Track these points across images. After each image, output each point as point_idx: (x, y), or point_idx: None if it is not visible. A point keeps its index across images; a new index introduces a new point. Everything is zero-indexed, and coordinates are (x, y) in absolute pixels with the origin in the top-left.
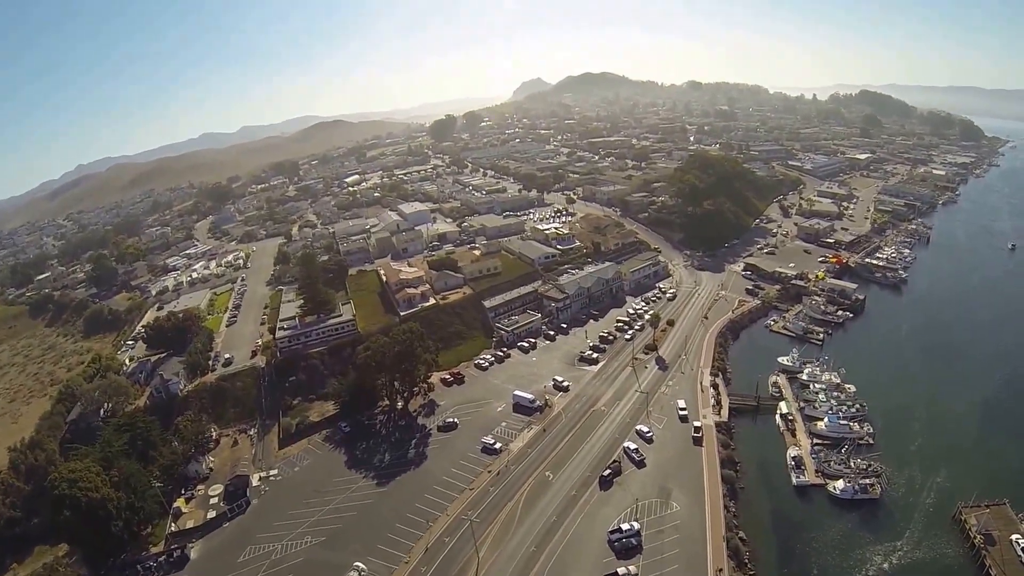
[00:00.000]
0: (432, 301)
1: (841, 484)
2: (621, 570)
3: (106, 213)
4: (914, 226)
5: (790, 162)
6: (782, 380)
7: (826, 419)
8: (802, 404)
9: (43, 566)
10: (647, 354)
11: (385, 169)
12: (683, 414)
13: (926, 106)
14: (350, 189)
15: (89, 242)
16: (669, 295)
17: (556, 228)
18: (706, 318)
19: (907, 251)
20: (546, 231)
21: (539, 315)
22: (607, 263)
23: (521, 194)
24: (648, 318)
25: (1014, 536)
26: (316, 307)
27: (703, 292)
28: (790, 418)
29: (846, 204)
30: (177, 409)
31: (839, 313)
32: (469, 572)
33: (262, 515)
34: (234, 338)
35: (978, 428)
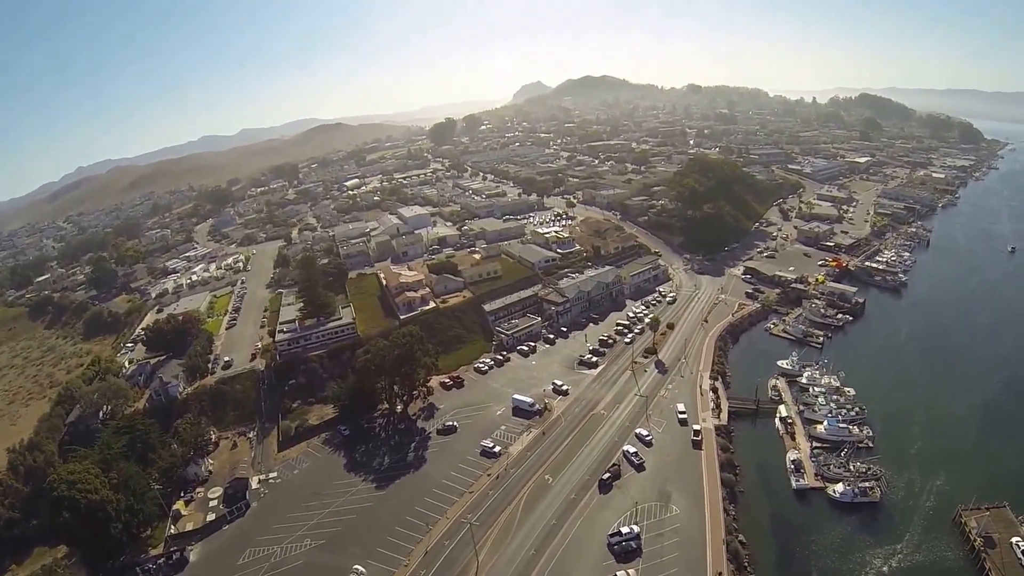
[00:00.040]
0: (432, 305)
1: (841, 487)
2: (620, 573)
3: (106, 215)
4: (914, 229)
5: (790, 166)
6: (782, 383)
7: (826, 422)
8: (802, 407)
9: (42, 568)
10: (647, 358)
11: (385, 173)
12: (682, 417)
13: (925, 109)
14: (350, 192)
15: (89, 244)
16: (669, 299)
17: (556, 232)
18: (706, 322)
19: (907, 254)
20: (546, 235)
21: (539, 319)
22: (607, 267)
23: (521, 198)
24: (648, 322)
25: (1014, 539)
26: (316, 310)
27: (703, 296)
28: (789, 421)
29: (846, 207)
30: (176, 412)
31: (839, 316)
32: (468, 575)
33: (261, 518)
34: (234, 341)
35: (978, 431)
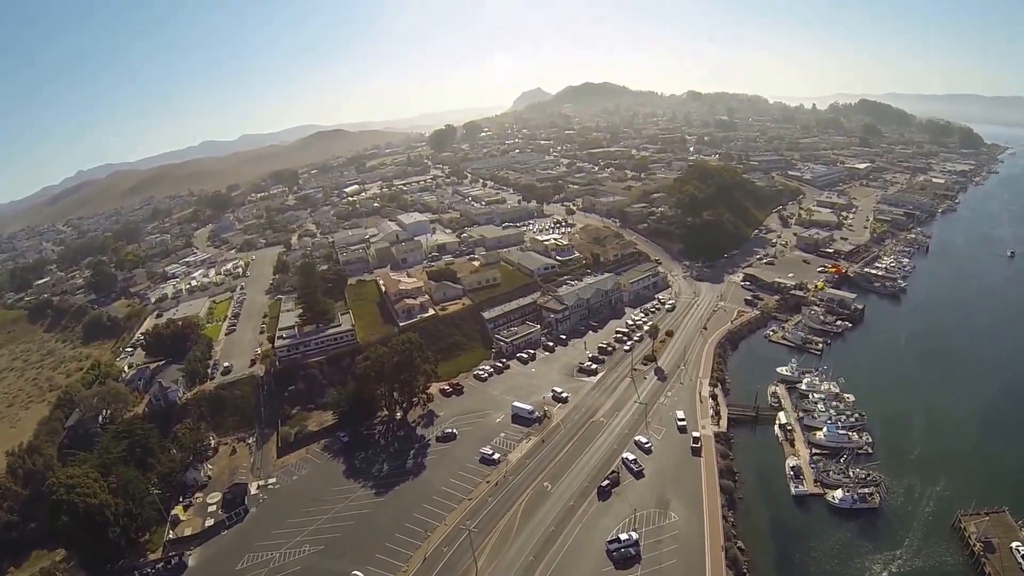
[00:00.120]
0: (431, 312)
1: (840, 493)
2: None
3: (106, 219)
4: (913, 235)
5: (789, 172)
6: (781, 390)
7: (825, 429)
8: (801, 414)
9: (40, 571)
10: (646, 365)
11: (384, 179)
12: (682, 425)
13: (925, 114)
14: (349, 199)
15: (89, 248)
16: (668, 306)
17: (555, 239)
18: (705, 329)
19: (906, 260)
20: (545, 242)
21: (538, 326)
22: (606, 274)
23: (520, 205)
24: (647, 329)
25: (1014, 543)
26: (315, 316)
27: (702, 303)
28: (789, 428)
29: (845, 214)
30: (176, 417)
31: (838, 323)
32: None
33: (260, 523)
34: (233, 346)
35: (977, 436)
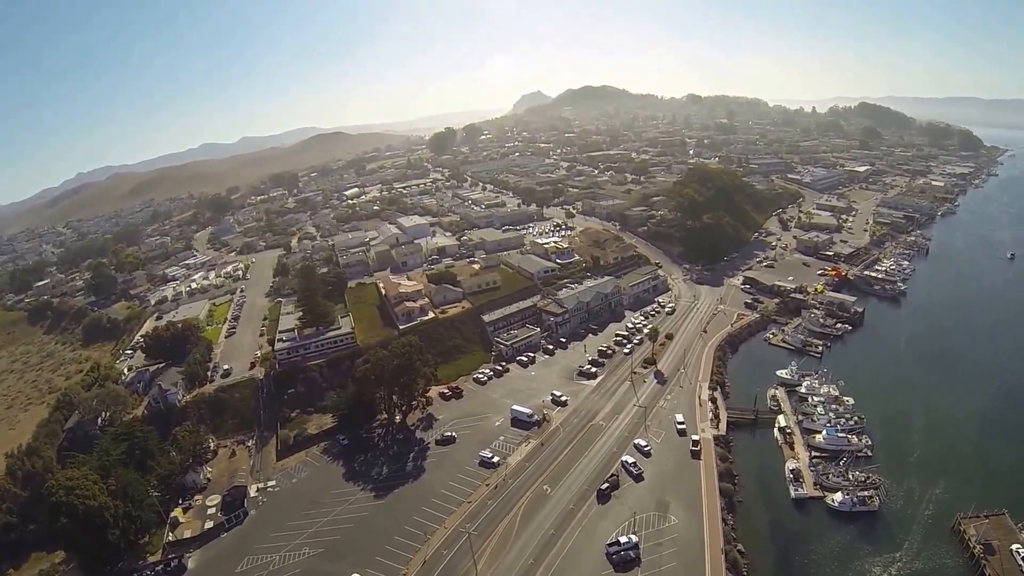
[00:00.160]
0: (431, 315)
1: (839, 496)
2: None
3: (106, 222)
4: (913, 238)
5: (789, 175)
6: (780, 393)
7: (824, 432)
8: (800, 417)
9: (40, 572)
10: (646, 368)
11: (384, 182)
12: (681, 428)
13: (925, 117)
14: (349, 202)
15: (88, 250)
16: (668, 309)
17: (555, 242)
18: (705, 332)
19: (906, 263)
20: (545, 245)
21: (538, 329)
22: (606, 277)
23: (520, 208)
24: (647, 332)
25: (1014, 546)
26: (315, 319)
27: (702, 306)
28: (788, 431)
29: (845, 217)
30: (175, 419)
31: (838, 326)
32: None
33: (260, 526)
34: (233, 349)
35: (977, 439)
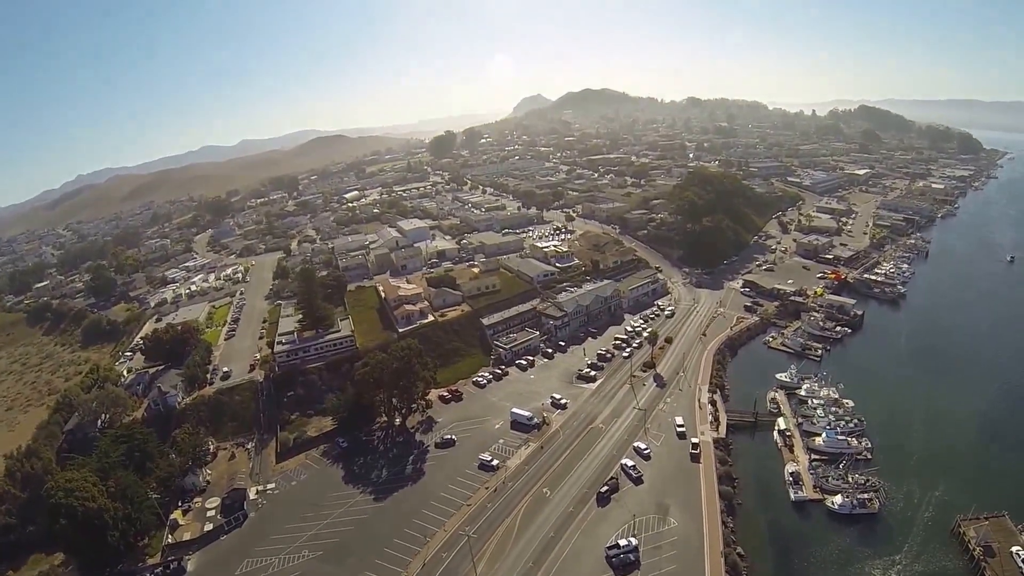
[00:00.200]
0: (431, 318)
1: (839, 499)
2: None
3: (105, 224)
4: (913, 241)
5: (789, 178)
6: (780, 396)
7: (824, 434)
8: (800, 420)
9: (39, 574)
10: (645, 371)
11: (384, 185)
12: (681, 431)
13: (925, 120)
14: (349, 205)
15: (88, 252)
16: (667, 312)
17: (555, 246)
18: (704, 335)
19: (906, 266)
20: (545, 249)
21: (537, 333)
22: (606, 281)
23: (520, 211)
24: (646, 335)
25: (1014, 548)
26: (315, 322)
27: (701, 309)
28: (788, 434)
29: (845, 220)
30: (175, 421)
31: (837, 329)
32: None
33: (259, 529)
34: (232, 352)
35: (976, 441)
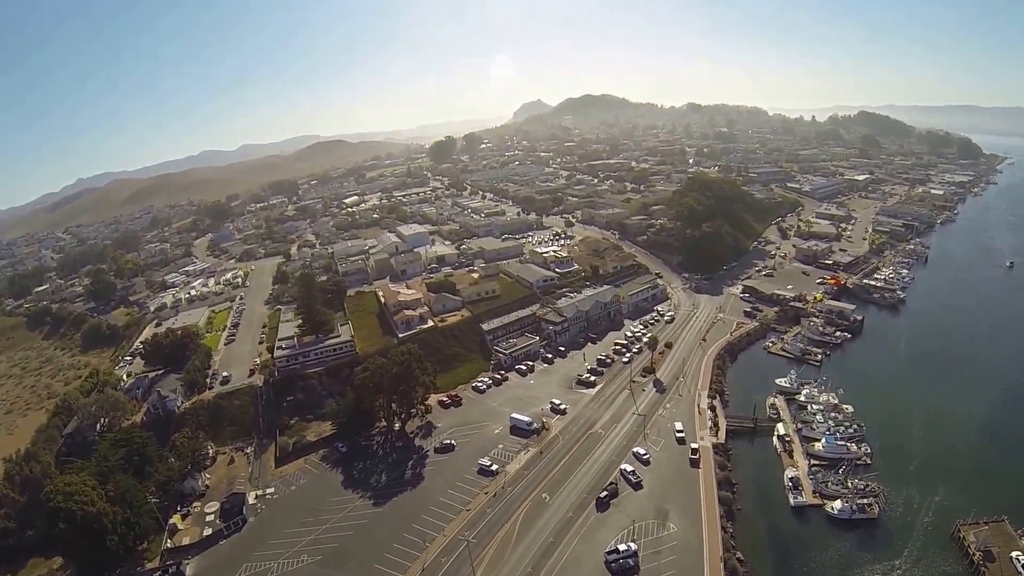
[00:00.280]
0: (430, 323)
1: (839, 504)
2: None
3: (105, 228)
4: (912, 246)
5: (789, 184)
6: (780, 402)
7: (824, 440)
8: (800, 425)
9: None
10: (645, 377)
11: (384, 190)
12: (680, 436)
13: (924, 126)
14: (349, 210)
15: (88, 256)
16: (667, 318)
17: (555, 251)
18: (704, 340)
19: (905, 271)
20: (545, 254)
21: (537, 338)
22: (605, 286)
23: (520, 217)
24: (646, 341)
25: (1014, 553)
26: (314, 327)
27: (701, 315)
28: (788, 439)
29: (844, 225)
30: (174, 426)
31: (837, 334)
32: None
33: (258, 533)
34: (232, 356)
35: (976, 446)
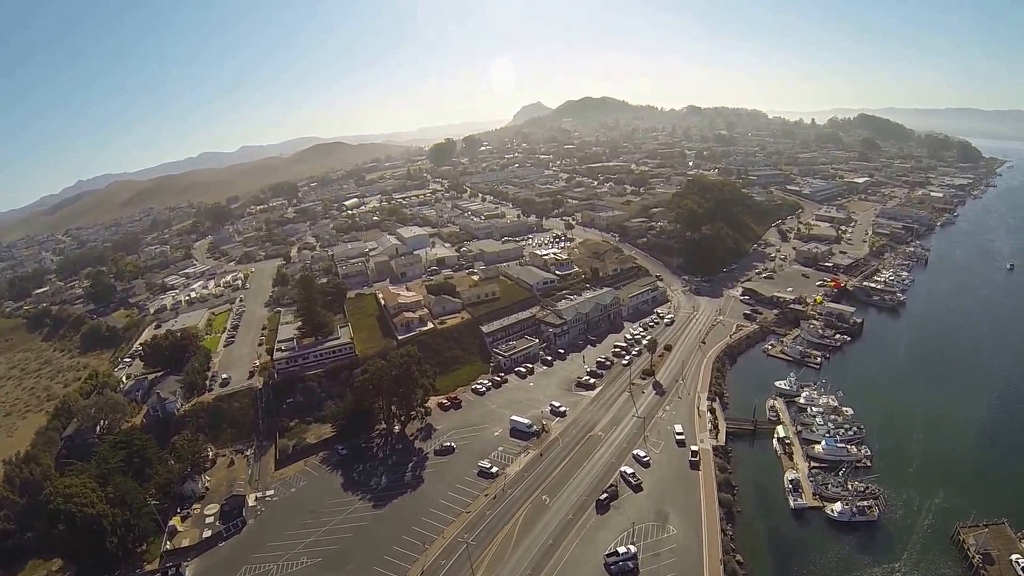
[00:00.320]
0: (430, 325)
1: (839, 506)
2: None
3: (105, 230)
4: (912, 249)
5: (788, 186)
6: (779, 404)
7: (823, 442)
8: (799, 428)
9: None
10: (644, 379)
11: (384, 193)
12: (680, 439)
13: (924, 129)
14: (349, 212)
15: (88, 258)
16: (667, 320)
17: (554, 254)
18: (704, 343)
19: (905, 274)
20: (544, 256)
21: (537, 340)
22: (605, 289)
23: (520, 219)
24: (646, 343)
25: (1014, 556)
26: (314, 329)
27: (701, 317)
28: (787, 442)
29: (844, 228)
30: (174, 428)
31: (837, 337)
32: None
33: (258, 535)
34: (232, 358)
35: (976, 448)
